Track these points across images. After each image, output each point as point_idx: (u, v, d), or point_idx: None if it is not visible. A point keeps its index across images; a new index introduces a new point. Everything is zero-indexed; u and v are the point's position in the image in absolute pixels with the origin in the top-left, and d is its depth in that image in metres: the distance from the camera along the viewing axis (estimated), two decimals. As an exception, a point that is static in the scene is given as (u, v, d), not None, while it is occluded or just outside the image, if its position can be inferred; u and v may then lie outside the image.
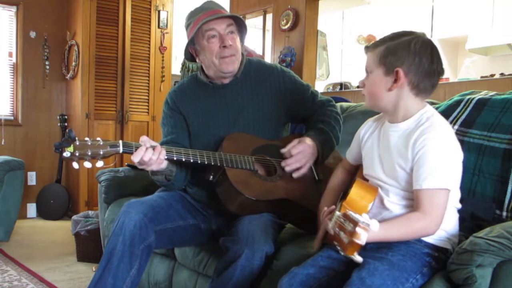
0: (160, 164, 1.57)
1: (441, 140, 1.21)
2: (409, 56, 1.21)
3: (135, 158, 1.51)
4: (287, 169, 1.67)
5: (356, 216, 1.04)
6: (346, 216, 1.06)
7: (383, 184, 1.30)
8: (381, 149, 1.33)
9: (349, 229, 1.03)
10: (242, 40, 1.84)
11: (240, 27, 1.80)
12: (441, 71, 1.25)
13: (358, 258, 1.03)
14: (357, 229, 1.01)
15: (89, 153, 1.47)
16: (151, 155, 1.52)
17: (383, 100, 1.27)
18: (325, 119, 1.81)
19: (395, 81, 1.23)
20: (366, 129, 1.43)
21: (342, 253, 1.04)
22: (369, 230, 1.03)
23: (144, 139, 1.55)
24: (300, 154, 1.67)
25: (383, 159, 1.31)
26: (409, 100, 1.25)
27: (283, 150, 1.69)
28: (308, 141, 1.69)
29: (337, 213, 1.12)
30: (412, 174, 1.22)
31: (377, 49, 1.26)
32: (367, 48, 1.31)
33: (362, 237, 1.01)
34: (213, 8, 1.76)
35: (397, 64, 1.22)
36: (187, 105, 1.85)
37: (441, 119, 1.27)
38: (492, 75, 3.67)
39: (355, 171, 1.50)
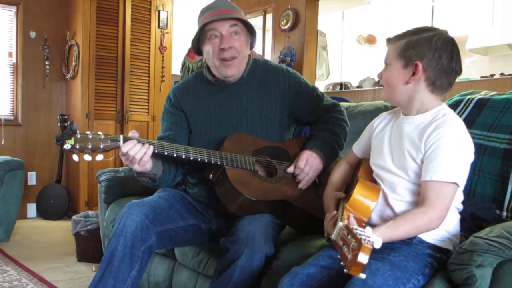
0: (144, 166, 1.58)
1: (456, 135, 1.22)
2: (429, 52, 1.22)
3: (124, 148, 1.52)
4: (304, 187, 1.69)
5: (358, 231, 1.00)
6: (349, 230, 1.03)
7: (391, 176, 1.29)
8: (393, 138, 1.33)
9: (352, 246, 1.00)
10: (252, 41, 1.81)
11: (249, 28, 1.77)
12: (459, 70, 1.26)
13: (362, 276, 1.00)
14: (361, 251, 0.96)
15: (90, 146, 1.48)
16: (138, 150, 1.53)
17: (399, 93, 1.28)
18: (328, 127, 1.79)
19: (413, 74, 1.24)
20: (380, 121, 1.43)
21: (345, 271, 1.00)
22: (373, 248, 0.99)
23: (135, 134, 1.58)
24: (311, 169, 1.68)
25: (393, 147, 1.32)
26: (425, 95, 1.26)
27: (290, 169, 1.70)
28: (314, 155, 1.69)
29: (340, 224, 1.09)
30: (421, 166, 1.22)
31: (398, 42, 1.27)
32: (388, 40, 1.31)
33: (366, 257, 0.97)
34: (220, 8, 1.73)
35: (417, 58, 1.23)
36: (190, 103, 1.84)
37: (457, 117, 1.27)
38: (492, 75, 3.66)
39: (358, 165, 1.50)
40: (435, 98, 1.28)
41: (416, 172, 1.25)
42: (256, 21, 4.77)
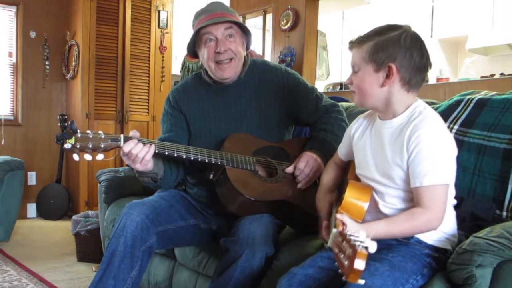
0: (145, 165, 1.59)
1: (435, 135, 1.19)
2: (400, 51, 1.19)
3: (126, 147, 1.53)
4: (303, 187, 1.68)
5: (352, 237, 0.98)
6: (344, 236, 1.01)
7: (378, 186, 1.28)
8: (374, 148, 1.31)
9: (347, 253, 0.97)
10: (248, 42, 1.83)
11: (243, 29, 1.79)
12: (430, 65, 1.24)
13: (361, 282, 0.96)
14: (356, 258, 0.92)
15: (90, 146, 1.49)
16: (140, 149, 1.54)
17: (374, 97, 1.25)
18: (328, 128, 1.79)
19: (387, 76, 1.20)
20: (357, 126, 1.40)
21: (344, 278, 0.97)
22: (368, 253, 0.95)
23: (136, 134, 1.58)
24: (311, 171, 1.68)
25: (376, 158, 1.29)
26: (400, 96, 1.23)
27: (289, 170, 1.69)
28: (315, 156, 1.69)
29: (334, 230, 1.08)
30: (407, 172, 1.21)
31: (364, 46, 1.22)
32: (351, 44, 1.27)
33: (362, 264, 0.93)
34: (216, 11, 1.74)
35: (389, 60, 1.19)
36: (188, 105, 1.85)
37: (433, 112, 1.25)
38: (492, 75, 3.67)
39: (347, 166, 1.49)
40: (411, 97, 1.25)
41: (403, 179, 1.22)
42: (256, 21, 4.78)
